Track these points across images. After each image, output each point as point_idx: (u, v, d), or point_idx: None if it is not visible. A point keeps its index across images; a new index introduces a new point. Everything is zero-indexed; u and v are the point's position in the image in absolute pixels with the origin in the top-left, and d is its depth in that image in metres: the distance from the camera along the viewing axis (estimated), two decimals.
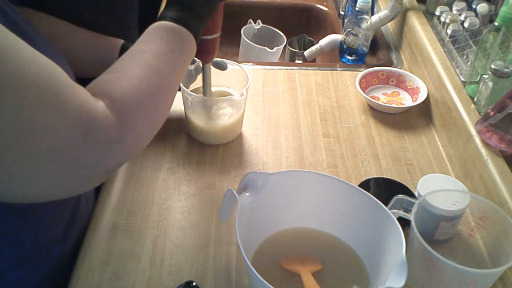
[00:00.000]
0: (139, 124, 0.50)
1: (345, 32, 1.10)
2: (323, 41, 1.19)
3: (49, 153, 0.42)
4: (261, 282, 0.50)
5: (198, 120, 0.82)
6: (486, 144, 0.75)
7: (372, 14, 1.13)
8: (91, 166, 0.46)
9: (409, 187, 0.74)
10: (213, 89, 0.81)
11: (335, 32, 1.25)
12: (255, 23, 1.34)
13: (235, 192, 0.59)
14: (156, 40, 0.56)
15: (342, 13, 1.33)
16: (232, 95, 0.82)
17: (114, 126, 0.46)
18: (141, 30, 0.59)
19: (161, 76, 0.54)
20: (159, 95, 0.54)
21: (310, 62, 1.22)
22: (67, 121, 0.42)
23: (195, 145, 0.85)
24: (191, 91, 0.80)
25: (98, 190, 0.76)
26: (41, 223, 0.59)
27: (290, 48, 1.30)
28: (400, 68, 1.06)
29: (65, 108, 0.42)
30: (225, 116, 0.82)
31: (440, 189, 0.66)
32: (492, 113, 0.74)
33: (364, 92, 0.95)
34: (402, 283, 0.49)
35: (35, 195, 0.47)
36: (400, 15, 1.12)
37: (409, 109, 0.95)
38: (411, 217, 0.60)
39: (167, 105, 0.57)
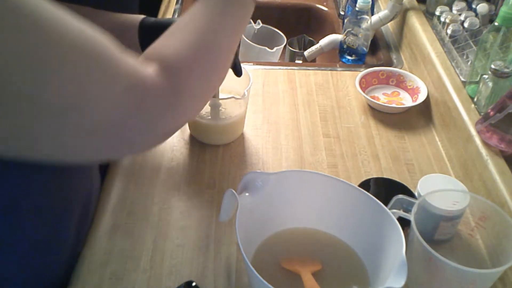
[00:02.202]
0: (192, 84, 0.49)
1: (345, 32, 1.10)
2: (323, 41, 1.19)
3: (103, 123, 0.41)
4: (261, 282, 0.50)
5: (200, 120, 0.82)
6: (486, 144, 0.75)
7: (372, 14, 1.13)
8: (146, 132, 0.46)
9: (409, 187, 0.74)
10: None
11: (335, 32, 1.25)
12: (255, 23, 1.34)
13: (235, 192, 0.59)
14: (209, 2, 0.55)
15: (342, 13, 1.33)
16: (233, 95, 0.82)
17: (166, 90, 0.46)
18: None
19: (214, 36, 0.53)
20: (211, 54, 0.53)
21: (310, 62, 1.22)
22: (119, 90, 0.41)
23: (195, 145, 0.85)
24: None
25: None
26: (48, 223, 0.59)
27: (290, 48, 1.30)
28: (400, 68, 1.06)
29: (116, 78, 0.41)
30: (227, 116, 0.83)
31: (440, 189, 0.66)
32: (492, 113, 0.74)
33: (364, 92, 0.95)
34: (402, 283, 0.49)
35: (89, 158, 0.48)
36: (400, 15, 1.12)
37: (409, 109, 0.95)
38: (411, 217, 0.60)
39: (221, 66, 0.55)
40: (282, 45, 1.31)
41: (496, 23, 0.79)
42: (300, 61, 1.28)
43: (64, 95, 0.37)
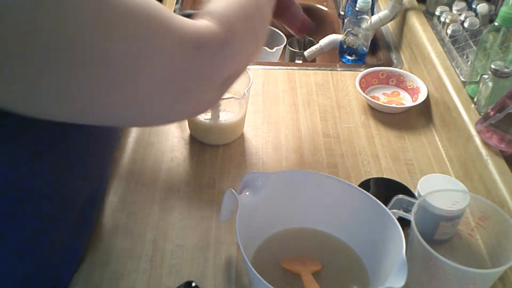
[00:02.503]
0: (242, 33, 0.51)
1: (345, 32, 1.10)
2: (323, 41, 1.19)
3: (166, 78, 0.44)
4: (261, 282, 0.50)
5: (200, 120, 0.82)
6: (486, 144, 0.75)
7: (372, 14, 1.13)
8: (206, 82, 0.49)
9: (409, 187, 0.74)
10: None
11: (335, 32, 1.25)
12: None
13: (235, 192, 0.59)
14: None
15: (342, 13, 1.33)
16: (233, 95, 0.82)
17: (219, 36, 0.48)
18: None
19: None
20: (255, 12, 0.55)
21: (310, 62, 1.22)
22: (177, 41, 0.44)
23: (195, 145, 0.85)
24: None
25: None
26: (80, 209, 0.60)
27: (290, 48, 1.30)
28: (400, 68, 1.06)
29: (171, 32, 0.43)
30: (227, 116, 0.83)
31: (440, 189, 0.66)
32: (492, 113, 0.74)
33: (364, 92, 0.95)
34: (402, 283, 0.49)
35: (158, 119, 0.51)
36: (400, 15, 1.12)
37: (409, 109, 0.95)
38: (411, 217, 0.60)
39: (264, 24, 0.58)
40: (282, 45, 1.31)
41: (496, 23, 0.79)
42: (300, 61, 1.28)
43: (126, 55, 0.40)
